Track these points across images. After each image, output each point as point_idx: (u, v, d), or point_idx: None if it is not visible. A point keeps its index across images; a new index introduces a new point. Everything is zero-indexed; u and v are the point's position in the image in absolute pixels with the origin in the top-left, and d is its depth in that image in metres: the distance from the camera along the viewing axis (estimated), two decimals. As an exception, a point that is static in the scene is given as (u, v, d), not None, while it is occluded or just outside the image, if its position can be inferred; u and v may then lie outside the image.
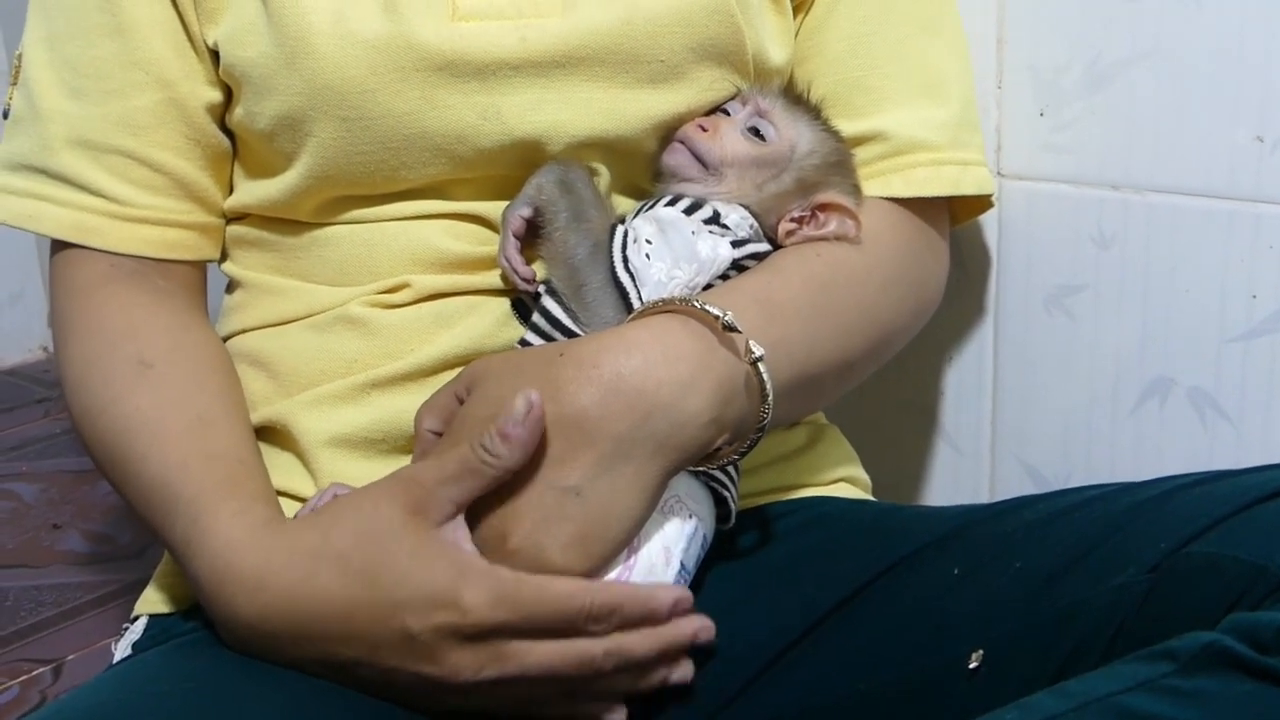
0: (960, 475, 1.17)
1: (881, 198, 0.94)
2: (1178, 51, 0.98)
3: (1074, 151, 1.04)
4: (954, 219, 1.02)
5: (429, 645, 0.70)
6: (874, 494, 1.01)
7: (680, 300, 0.78)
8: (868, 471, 1.02)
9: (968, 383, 1.15)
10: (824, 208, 0.88)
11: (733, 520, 0.83)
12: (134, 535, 1.46)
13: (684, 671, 0.76)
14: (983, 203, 1.01)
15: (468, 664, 0.70)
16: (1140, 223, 1.02)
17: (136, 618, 0.90)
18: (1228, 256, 0.99)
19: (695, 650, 0.77)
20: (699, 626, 0.74)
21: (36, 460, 1.64)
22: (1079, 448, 1.10)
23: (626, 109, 0.86)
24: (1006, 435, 1.14)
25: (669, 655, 0.74)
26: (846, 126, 0.93)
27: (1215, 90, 0.97)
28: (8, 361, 1.92)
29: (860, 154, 0.94)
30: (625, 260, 0.82)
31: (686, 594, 0.74)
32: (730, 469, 0.82)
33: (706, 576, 0.85)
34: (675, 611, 0.73)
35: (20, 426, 1.73)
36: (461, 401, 0.79)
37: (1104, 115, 1.02)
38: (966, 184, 0.96)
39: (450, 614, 0.70)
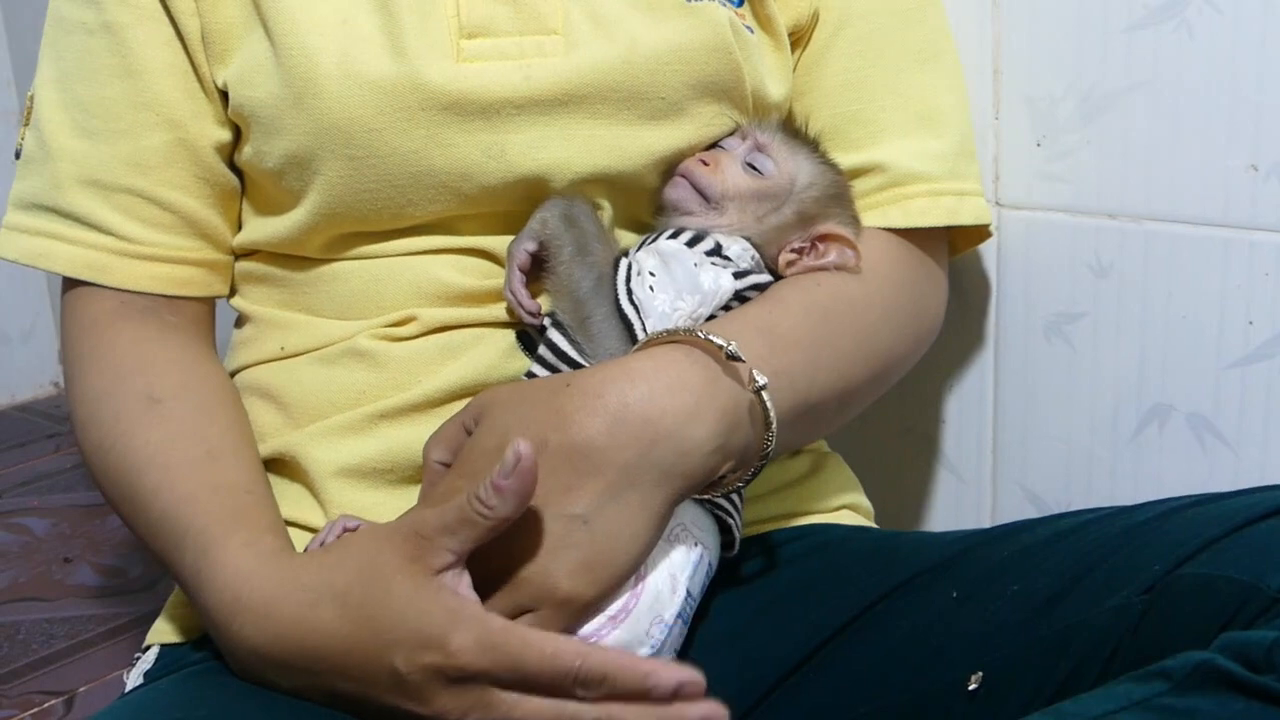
0: (962, 502, 1.18)
1: (880, 228, 0.95)
2: (1172, 81, 1.00)
3: (1071, 181, 1.06)
4: (953, 249, 1.03)
5: (417, 685, 0.70)
6: (876, 521, 1.02)
7: (684, 331, 0.79)
8: (870, 499, 1.03)
9: (969, 410, 1.16)
10: (824, 239, 0.89)
11: (737, 547, 0.84)
12: (144, 568, 1.47)
13: None
14: (981, 232, 1.03)
15: (453, 707, 0.70)
16: (1137, 251, 1.04)
17: (148, 647, 0.91)
18: (1224, 284, 1.00)
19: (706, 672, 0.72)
20: (706, 714, 0.69)
21: (47, 495, 1.65)
22: (1079, 474, 1.11)
23: (628, 145, 0.88)
24: (1007, 462, 1.15)
25: None
26: (845, 159, 0.95)
27: (1209, 120, 0.99)
28: (20, 397, 1.93)
29: (859, 185, 0.95)
30: (629, 292, 0.84)
31: (697, 678, 0.69)
32: (734, 496, 0.83)
33: (711, 603, 0.86)
34: (681, 694, 0.69)
35: (31, 461, 1.74)
36: (469, 432, 0.80)
37: (1100, 145, 1.04)
38: (964, 214, 0.97)
39: (437, 655, 0.69)
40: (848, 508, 0.99)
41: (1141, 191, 1.02)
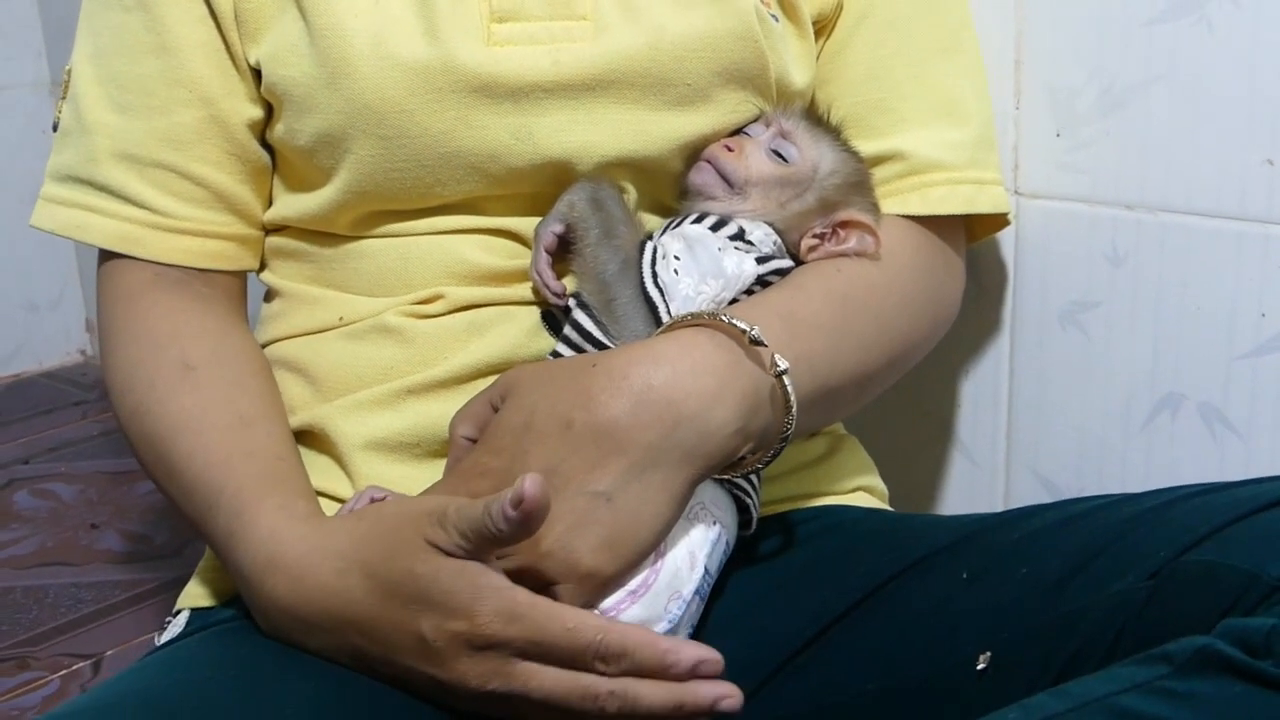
0: (975, 486, 1.20)
1: (900, 216, 0.97)
2: (1191, 75, 1.01)
3: (1089, 171, 1.07)
4: (971, 236, 1.05)
5: (441, 651, 0.72)
6: (891, 503, 1.04)
7: (708, 314, 0.81)
8: (885, 481, 1.05)
9: (984, 396, 1.18)
10: (845, 225, 0.91)
11: (754, 526, 0.86)
12: (170, 534, 1.50)
13: None
14: (999, 221, 1.04)
15: (475, 673, 0.72)
16: (1153, 242, 1.05)
17: (179, 611, 0.93)
18: (1238, 276, 1.01)
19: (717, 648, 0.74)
20: (721, 694, 0.71)
21: (75, 461, 1.67)
22: (1092, 461, 1.12)
23: (653, 130, 0.89)
24: (1021, 448, 1.16)
25: (683, 713, 0.71)
26: (866, 146, 0.96)
27: (1228, 113, 1.00)
28: (47, 364, 1.95)
29: (879, 173, 0.96)
30: (654, 275, 0.85)
31: (715, 656, 0.71)
32: (753, 477, 0.85)
33: (726, 581, 0.87)
34: (698, 672, 0.71)
35: (59, 428, 1.76)
36: (496, 409, 0.81)
37: (1119, 136, 1.05)
38: (982, 203, 0.99)
39: (463, 624, 0.71)
40: (863, 489, 1.01)
41: (1159, 183, 1.04)
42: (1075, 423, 1.12)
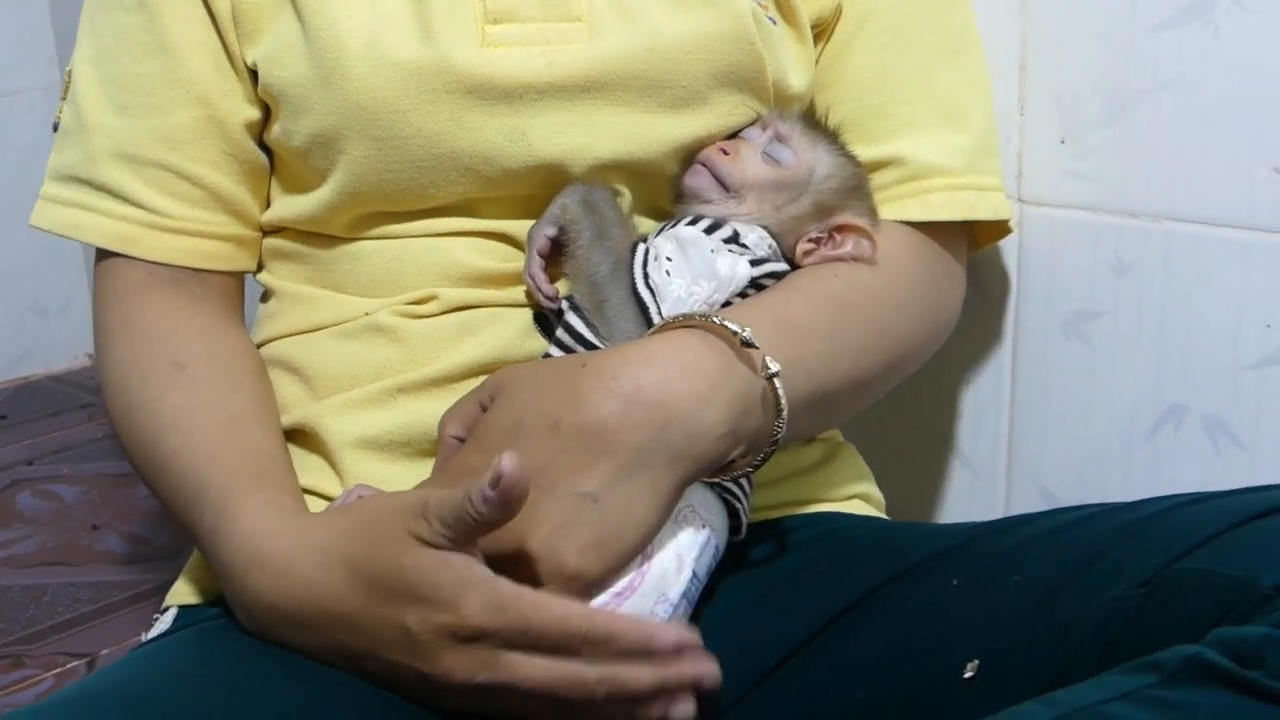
0: (976, 497, 1.19)
1: (899, 221, 0.96)
2: (1198, 82, 1.00)
3: (1094, 179, 1.06)
4: (974, 244, 1.04)
5: (426, 645, 0.72)
6: (889, 513, 1.03)
7: (700, 316, 0.80)
8: (884, 491, 1.04)
9: (985, 406, 1.17)
10: (841, 229, 0.90)
11: (744, 532, 0.85)
12: (170, 537, 1.50)
13: (684, 710, 0.73)
14: (1001, 228, 1.03)
15: (462, 666, 0.72)
16: (1158, 251, 1.04)
17: (166, 609, 0.93)
18: (1243, 286, 1.00)
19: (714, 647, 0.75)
20: (701, 671, 0.72)
21: (79, 463, 1.68)
22: (1094, 472, 1.11)
23: (648, 133, 0.89)
24: (1023, 459, 1.15)
25: (668, 692, 0.72)
26: (865, 151, 0.95)
27: (1234, 122, 0.99)
28: (55, 368, 1.96)
29: (878, 179, 0.96)
30: (646, 276, 0.85)
31: (693, 636, 0.72)
32: (744, 481, 0.84)
33: (716, 586, 0.86)
34: (679, 652, 0.72)
35: (64, 430, 1.77)
36: (485, 409, 0.81)
37: (1124, 144, 1.04)
38: (983, 209, 0.98)
39: (448, 616, 0.71)
40: (859, 497, 1.00)
41: (1164, 191, 1.03)
42: (1078, 434, 1.11)
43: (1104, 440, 1.10)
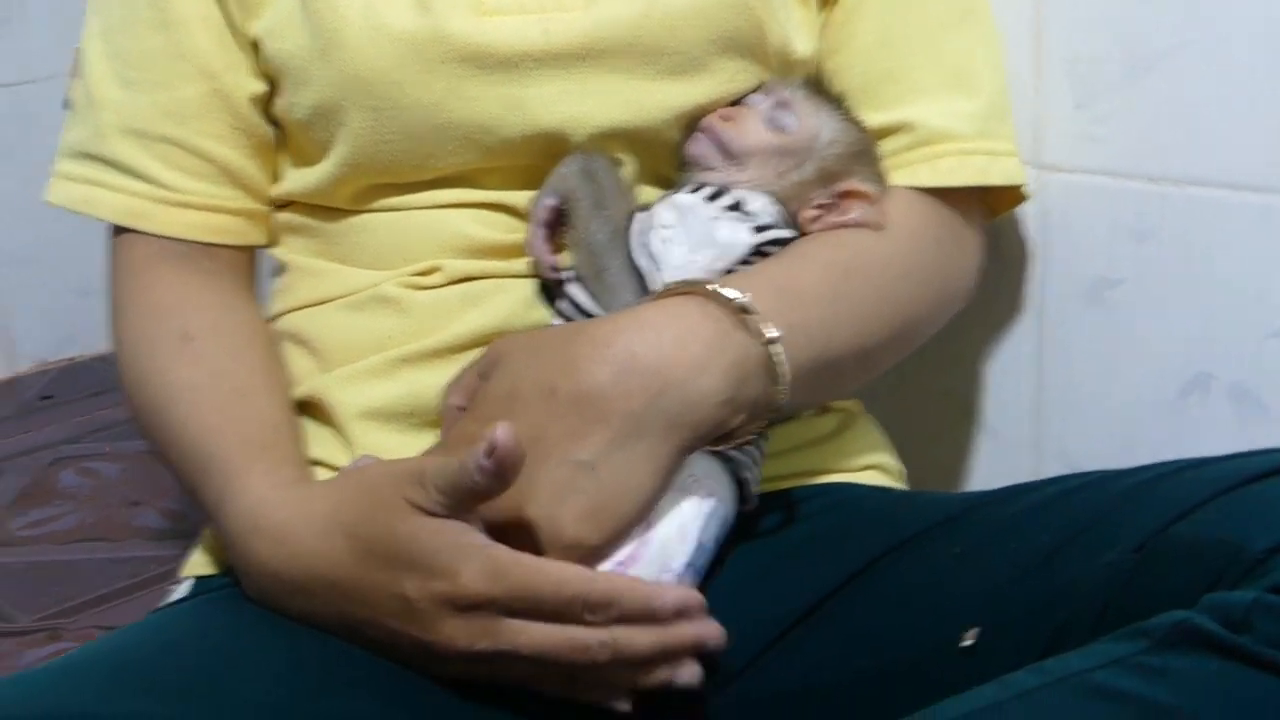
0: (1001, 467, 1.17)
1: (908, 187, 0.94)
2: (1217, 43, 0.97)
3: (1113, 143, 1.04)
4: (991, 211, 1.02)
5: (425, 613, 0.72)
6: (913, 483, 1.01)
7: (698, 283, 0.80)
8: (907, 462, 1.02)
9: (1010, 374, 1.15)
10: (847, 195, 0.89)
11: (753, 502, 0.85)
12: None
13: (689, 673, 0.73)
14: (1017, 195, 1.01)
15: (461, 634, 0.72)
16: (1178, 216, 1.02)
17: (182, 579, 0.94)
18: (1266, 250, 0.98)
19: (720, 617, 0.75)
20: (704, 632, 0.72)
21: (119, 441, 1.70)
22: (1120, 442, 1.09)
23: (647, 100, 0.88)
24: (1048, 427, 1.14)
25: (671, 655, 0.72)
26: (875, 117, 0.94)
27: (1255, 83, 0.96)
28: (97, 348, 1.98)
29: (887, 144, 0.95)
30: (644, 244, 0.85)
31: (696, 597, 0.73)
32: (754, 451, 0.84)
33: (725, 556, 0.86)
34: (682, 614, 0.72)
35: (105, 410, 1.79)
36: (484, 379, 0.81)
37: (1142, 107, 1.02)
38: (994, 174, 0.96)
39: (446, 584, 0.71)
40: (875, 468, 0.98)
41: (1183, 155, 1.00)
42: (1103, 403, 1.09)
43: (1129, 410, 1.08)
